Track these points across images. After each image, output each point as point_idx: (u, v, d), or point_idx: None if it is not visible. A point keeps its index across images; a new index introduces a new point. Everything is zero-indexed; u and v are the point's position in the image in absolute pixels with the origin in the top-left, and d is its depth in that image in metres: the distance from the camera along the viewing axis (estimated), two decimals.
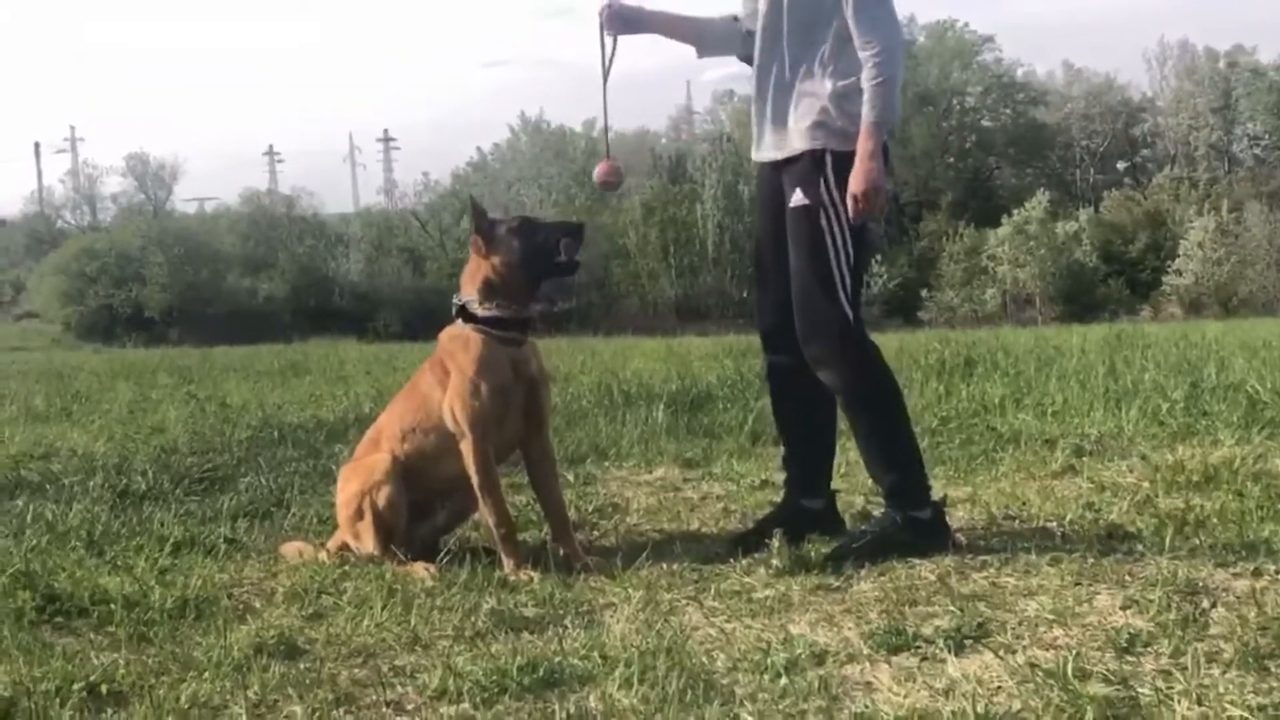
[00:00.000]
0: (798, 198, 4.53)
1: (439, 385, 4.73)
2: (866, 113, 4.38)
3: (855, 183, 4.38)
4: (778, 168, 4.66)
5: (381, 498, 4.68)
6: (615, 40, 4.92)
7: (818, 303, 4.53)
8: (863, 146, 4.38)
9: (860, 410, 4.64)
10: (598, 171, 5.07)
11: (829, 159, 4.48)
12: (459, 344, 4.71)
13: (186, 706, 3.17)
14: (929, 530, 4.54)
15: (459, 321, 4.75)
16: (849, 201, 4.41)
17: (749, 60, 4.79)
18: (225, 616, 4.00)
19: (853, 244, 4.52)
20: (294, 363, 16.97)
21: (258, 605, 4.22)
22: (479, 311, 4.71)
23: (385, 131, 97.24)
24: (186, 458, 7.22)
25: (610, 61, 4.93)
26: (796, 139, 4.55)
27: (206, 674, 3.43)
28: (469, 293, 4.75)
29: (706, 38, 5.02)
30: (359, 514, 4.74)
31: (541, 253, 4.70)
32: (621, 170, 5.10)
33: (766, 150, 4.70)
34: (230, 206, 73.39)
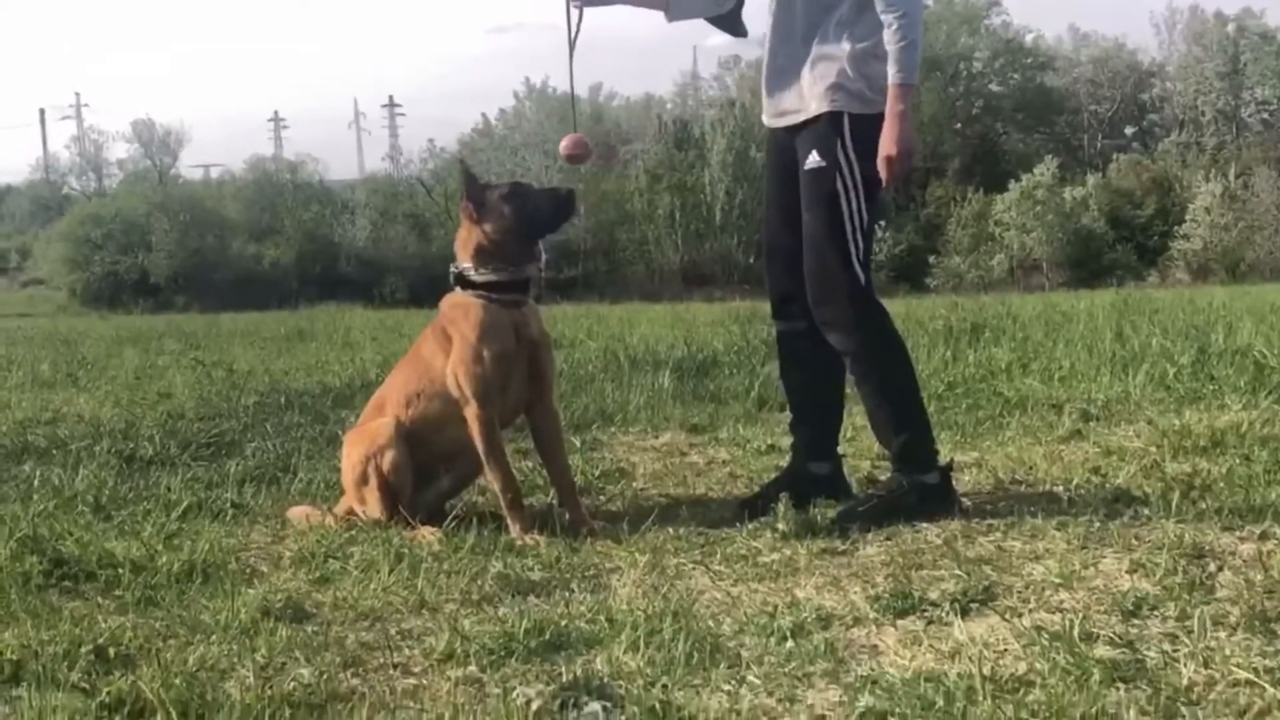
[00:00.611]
0: (813, 160, 4.51)
1: (441, 352, 4.74)
2: (893, 74, 4.36)
3: (888, 144, 4.38)
4: (791, 131, 4.64)
5: (386, 462, 4.69)
6: (581, 12, 4.90)
7: (830, 265, 4.52)
8: (893, 108, 4.38)
9: (869, 373, 4.63)
10: (564, 145, 4.94)
11: (847, 121, 4.46)
12: (459, 311, 4.71)
13: (194, 669, 3.17)
14: (935, 495, 4.55)
15: (458, 289, 4.76)
16: (882, 163, 4.41)
17: (720, 24, 4.91)
18: (232, 580, 4.01)
19: (866, 206, 4.51)
20: (300, 329, 16.98)
21: (265, 569, 4.24)
22: (476, 278, 4.71)
23: (390, 98, 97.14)
24: (193, 423, 7.23)
25: (576, 34, 4.91)
26: (813, 101, 4.52)
27: (214, 637, 3.44)
28: (463, 260, 4.75)
29: (675, 2, 4.99)
30: (364, 479, 4.75)
31: (532, 218, 4.70)
32: (589, 144, 5.04)
33: (779, 114, 4.69)
34: (235, 173, 73.33)
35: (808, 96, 4.54)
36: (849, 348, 4.61)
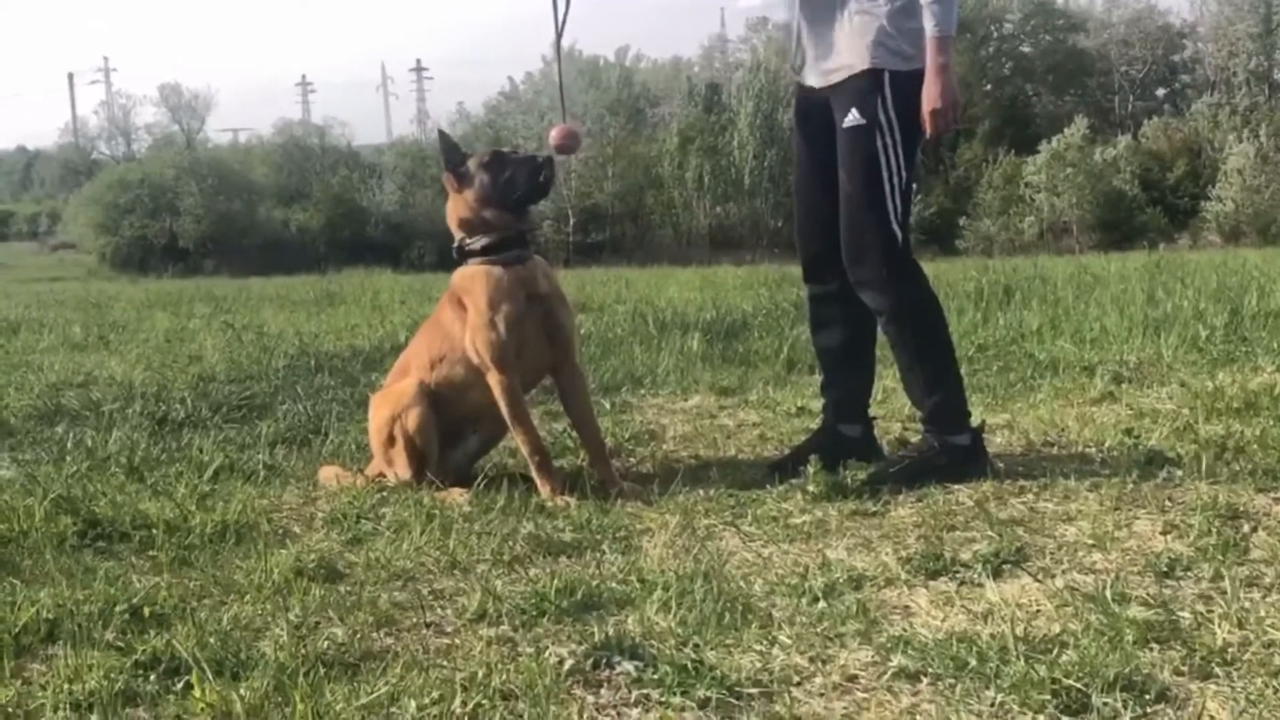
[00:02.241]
0: (853, 117, 4.46)
1: (459, 320, 4.75)
2: (931, 28, 4.32)
3: (932, 98, 4.35)
4: (827, 90, 4.58)
5: (411, 421, 4.70)
6: (568, 2, 4.88)
7: (867, 225, 4.49)
8: (934, 61, 4.34)
9: (903, 334, 4.60)
10: (553, 135, 4.86)
11: (888, 78, 4.41)
12: (468, 281, 4.72)
13: (228, 628, 3.19)
14: (967, 456, 4.54)
15: (462, 262, 4.79)
16: (927, 117, 4.37)
17: None
18: (265, 541, 4.03)
19: (905, 165, 4.46)
20: (329, 293, 17.00)
21: (297, 530, 4.25)
22: (472, 246, 4.73)
23: (418, 61, 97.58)
24: (224, 386, 7.25)
25: (564, 21, 4.89)
26: (853, 58, 4.46)
27: (248, 596, 3.46)
28: (455, 231, 4.79)
29: None
30: (390, 440, 4.77)
31: (510, 186, 4.69)
32: (579, 134, 5.00)
33: (814, 74, 4.64)
34: (263, 137, 73.48)
35: (845, 53, 4.48)
36: (883, 308, 4.57)
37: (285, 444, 5.57)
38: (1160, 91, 67.45)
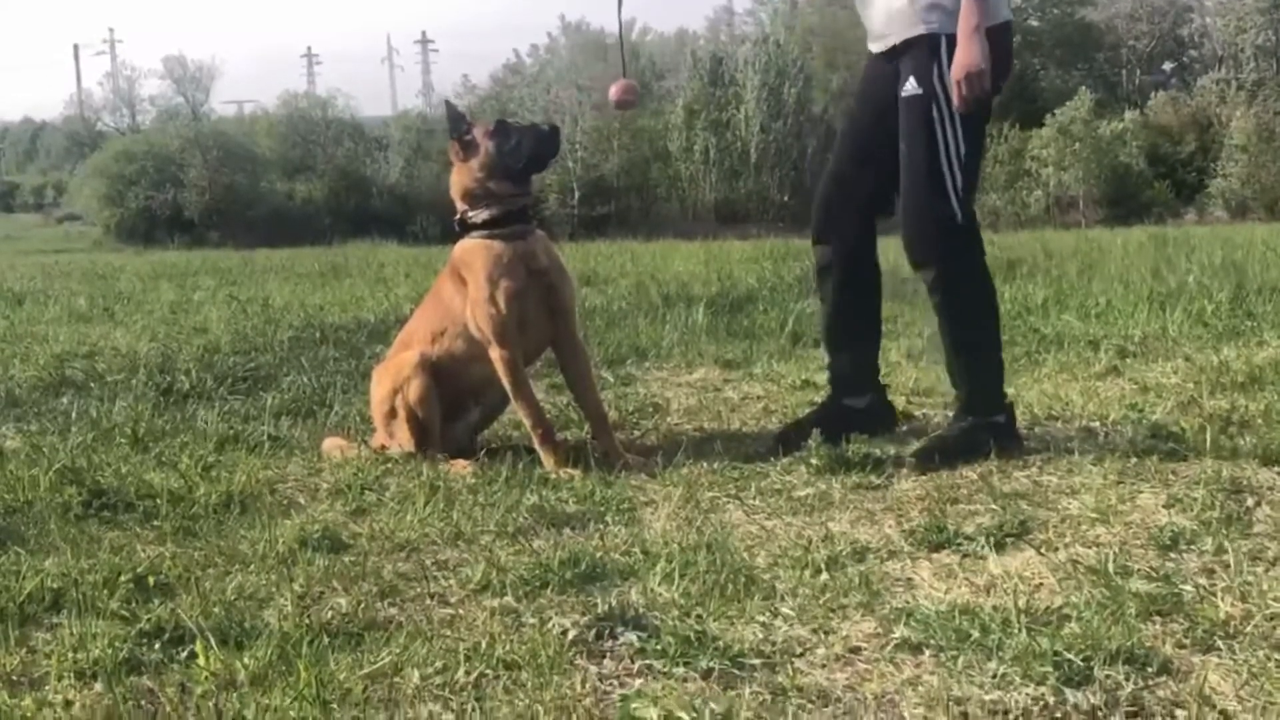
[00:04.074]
0: (910, 86, 4.33)
1: (459, 294, 4.76)
2: None
3: (954, 67, 4.22)
4: (889, 57, 4.46)
5: (413, 393, 4.71)
6: None
7: (925, 199, 4.36)
8: (963, 24, 4.20)
9: (954, 312, 4.51)
10: (613, 91, 4.86)
11: (944, 43, 4.25)
12: (468, 254, 4.73)
13: (233, 597, 3.21)
14: (1005, 433, 4.49)
15: (463, 234, 4.78)
16: (954, 86, 4.23)
17: None
18: (270, 511, 4.04)
19: (965, 136, 4.32)
20: (334, 265, 16.99)
21: (302, 501, 4.26)
22: (474, 219, 4.73)
23: (423, 33, 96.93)
24: (229, 357, 7.25)
25: None
26: (908, 23, 4.33)
27: (252, 566, 3.47)
28: (458, 202, 4.78)
29: None
30: (392, 412, 4.78)
31: (515, 155, 4.69)
32: (638, 89, 4.97)
33: (874, 38, 4.52)
34: (268, 109, 73.32)
35: (904, 18, 4.34)
36: (938, 284, 4.46)
37: (290, 415, 5.58)
38: (1167, 65, 67.13)
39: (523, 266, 4.67)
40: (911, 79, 4.31)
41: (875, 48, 4.54)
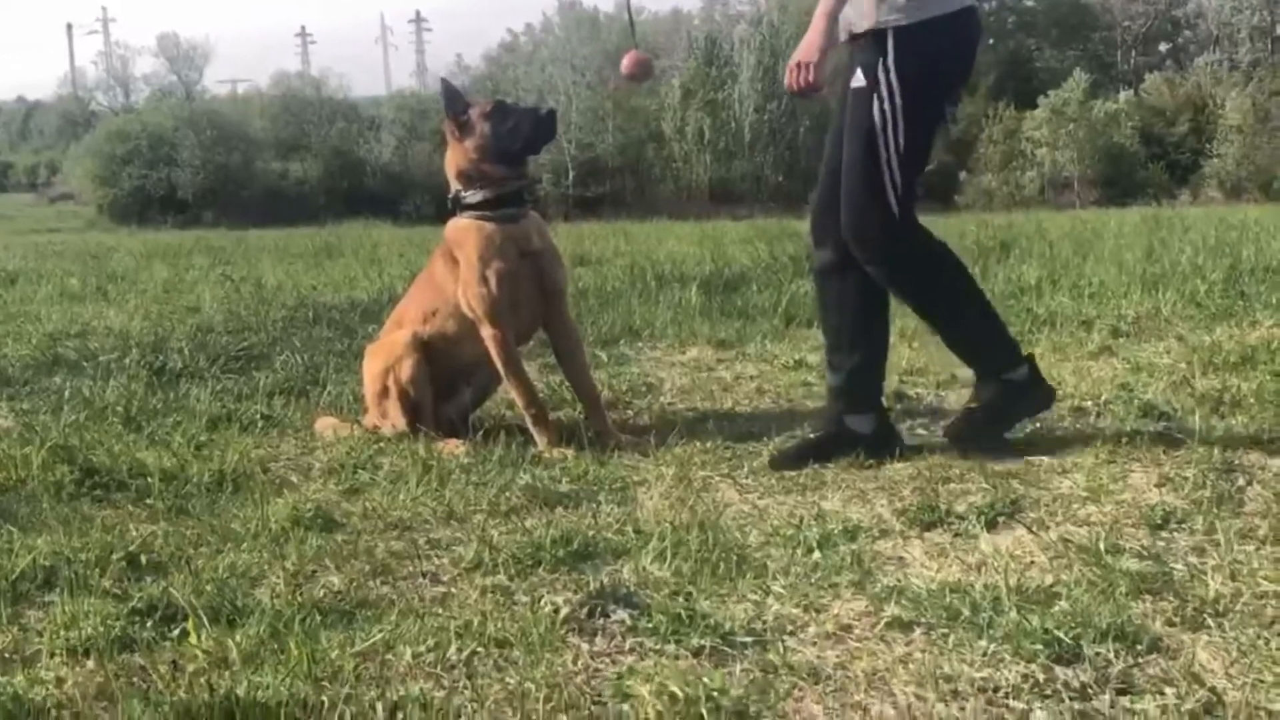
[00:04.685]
0: (857, 79, 4.12)
1: (451, 275, 4.76)
2: None
3: (796, 52, 4.06)
4: (852, 46, 4.22)
5: (404, 373, 4.71)
6: None
7: (863, 196, 4.15)
8: (818, 7, 4.01)
9: (917, 305, 4.40)
10: (625, 63, 4.74)
11: (891, 37, 4.03)
12: (461, 235, 4.73)
13: (225, 576, 3.21)
14: (1027, 388, 4.33)
15: (457, 213, 4.78)
16: (896, 83, 4.02)
17: None
18: (262, 490, 4.04)
19: (906, 134, 4.07)
20: (328, 245, 16.96)
21: (294, 480, 4.26)
22: (469, 199, 4.73)
23: (417, 13, 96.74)
24: (222, 336, 7.23)
25: None
26: (863, 16, 4.09)
27: (244, 545, 3.47)
28: (453, 182, 4.78)
29: None
30: (384, 392, 4.78)
31: (511, 137, 4.69)
32: (651, 63, 4.93)
33: (844, 30, 4.21)
34: (261, 89, 73.23)
35: (860, 11, 4.09)
36: (887, 281, 4.28)
37: (283, 395, 5.57)
38: (1163, 47, 67.17)
39: (514, 248, 4.67)
40: (859, 71, 4.12)
41: (840, 37, 4.27)
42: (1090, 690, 2.46)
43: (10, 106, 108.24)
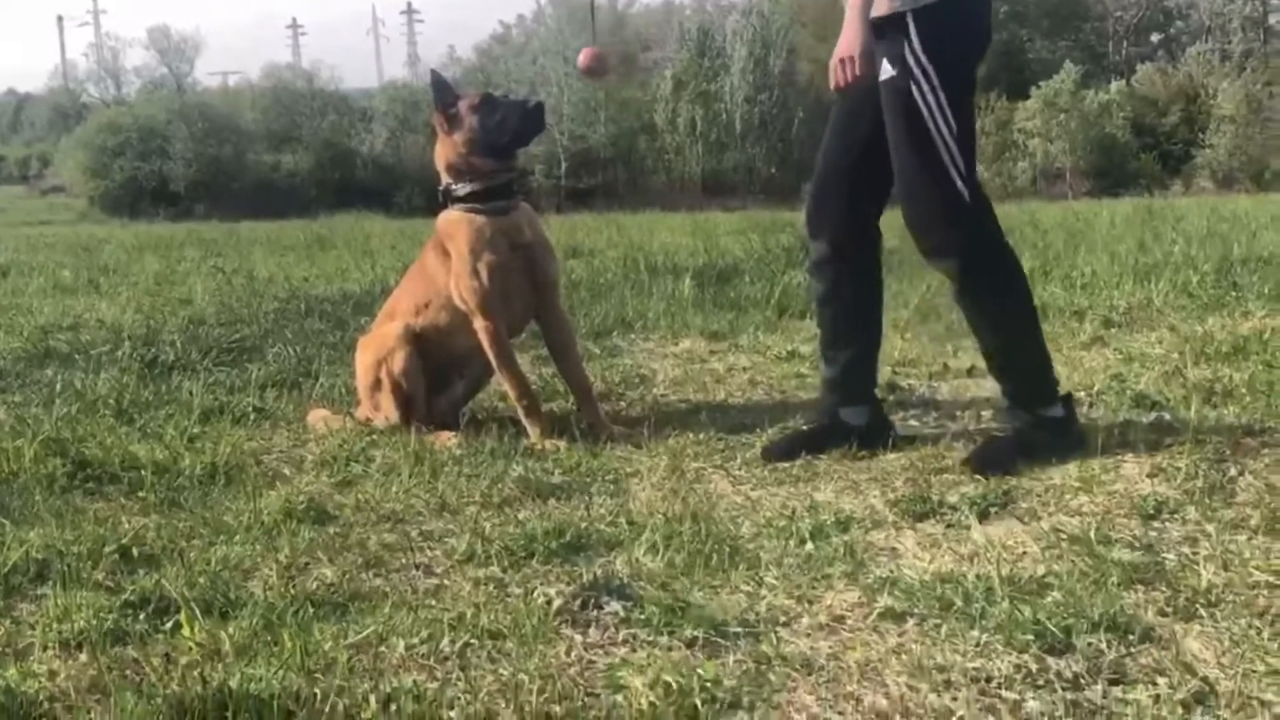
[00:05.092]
0: (885, 69, 3.96)
1: (443, 268, 4.76)
2: None
3: (837, 49, 3.95)
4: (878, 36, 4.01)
5: (396, 364, 4.71)
6: None
7: (925, 187, 3.97)
8: (850, 2, 3.93)
9: (981, 305, 4.12)
10: (581, 59, 4.80)
11: (911, 20, 3.91)
12: (452, 227, 4.73)
13: (218, 568, 3.21)
14: (1063, 428, 4.09)
15: (448, 206, 4.78)
16: (929, 66, 3.89)
17: None
18: (255, 483, 4.04)
19: (953, 111, 3.92)
20: (320, 237, 16.95)
21: (287, 472, 4.26)
22: (458, 192, 4.72)
23: (409, 4, 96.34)
24: (214, 329, 7.23)
25: None
26: (878, 3, 3.95)
27: (237, 537, 3.47)
28: (443, 174, 4.78)
29: None
30: (377, 384, 4.78)
31: (499, 130, 4.68)
32: (607, 59, 4.90)
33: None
34: (252, 80, 73.13)
35: None
36: (957, 273, 4.07)
37: (275, 387, 5.57)
38: (1155, 37, 67.15)
39: (505, 240, 4.67)
40: (885, 62, 3.96)
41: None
42: (1083, 680, 2.46)
43: (1, 99, 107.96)
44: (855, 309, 4.36)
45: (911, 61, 3.92)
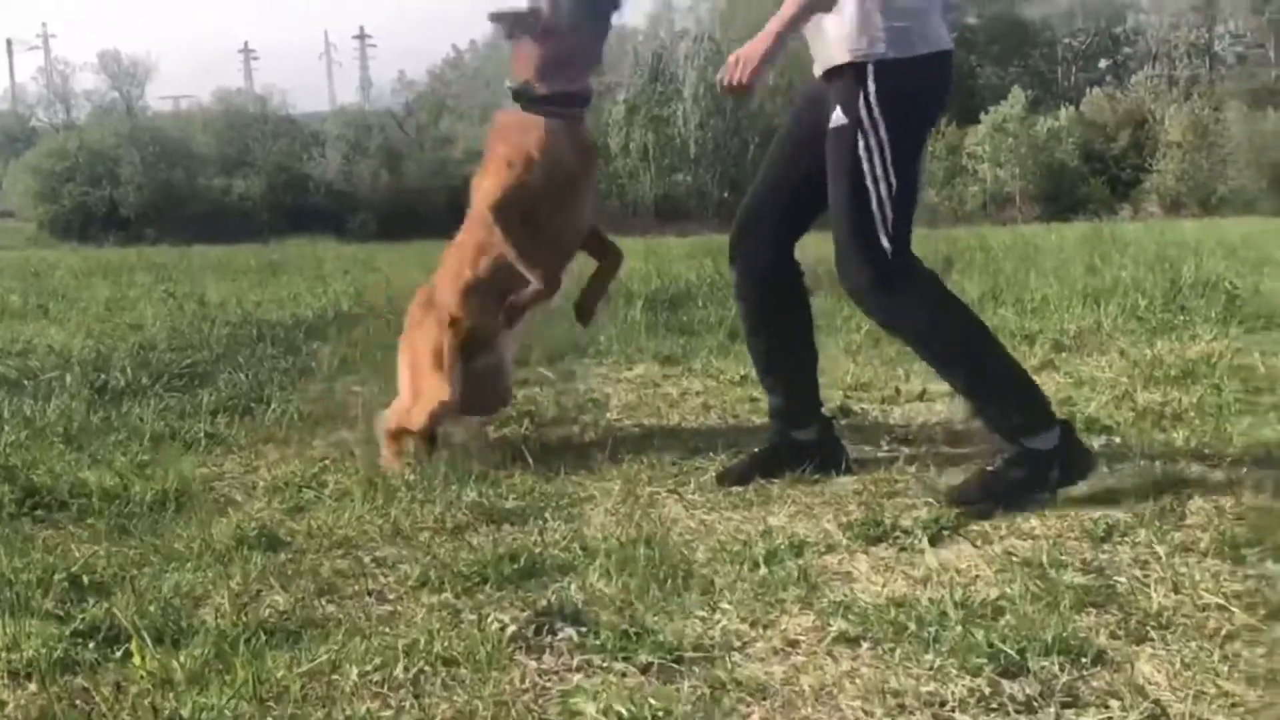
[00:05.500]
0: (836, 117, 3.89)
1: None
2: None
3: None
4: (826, 80, 4.01)
5: (444, 347, 4.58)
6: None
7: (854, 237, 3.90)
8: (772, 20, 3.91)
9: (921, 349, 4.07)
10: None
11: (871, 70, 3.83)
12: (517, 129, 4.48)
13: (169, 596, 3.17)
14: (1050, 460, 3.85)
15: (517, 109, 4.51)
16: (880, 118, 3.83)
17: None
18: (206, 509, 4.00)
19: (895, 169, 3.85)
20: (272, 262, 16.89)
21: (239, 498, 4.23)
22: (540, 91, 4.43)
23: (361, 29, 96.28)
24: (165, 354, 7.17)
25: None
26: (840, 49, 3.88)
27: (188, 565, 3.44)
28: (523, 75, 4.45)
29: None
30: (427, 369, 4.63)
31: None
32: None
33: (817, 62, 4.06)
34: (204, 105, 72.81)
35: (834, 43, 3.91)
36: (886, 326, 4.16)
37: (226, 412, 5.52)
38: (1103, 63, 67.87)
39: (576, 148, 4.51)
40: (838, 109, 3.90)
41: (816, 71, 4.12)
42: (1036, 703, 2.48)
43: None
44: (784, 334, 4.33)
45: (864, 113, 3.85)
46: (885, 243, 3.87)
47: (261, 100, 70.30)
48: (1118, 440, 4.44)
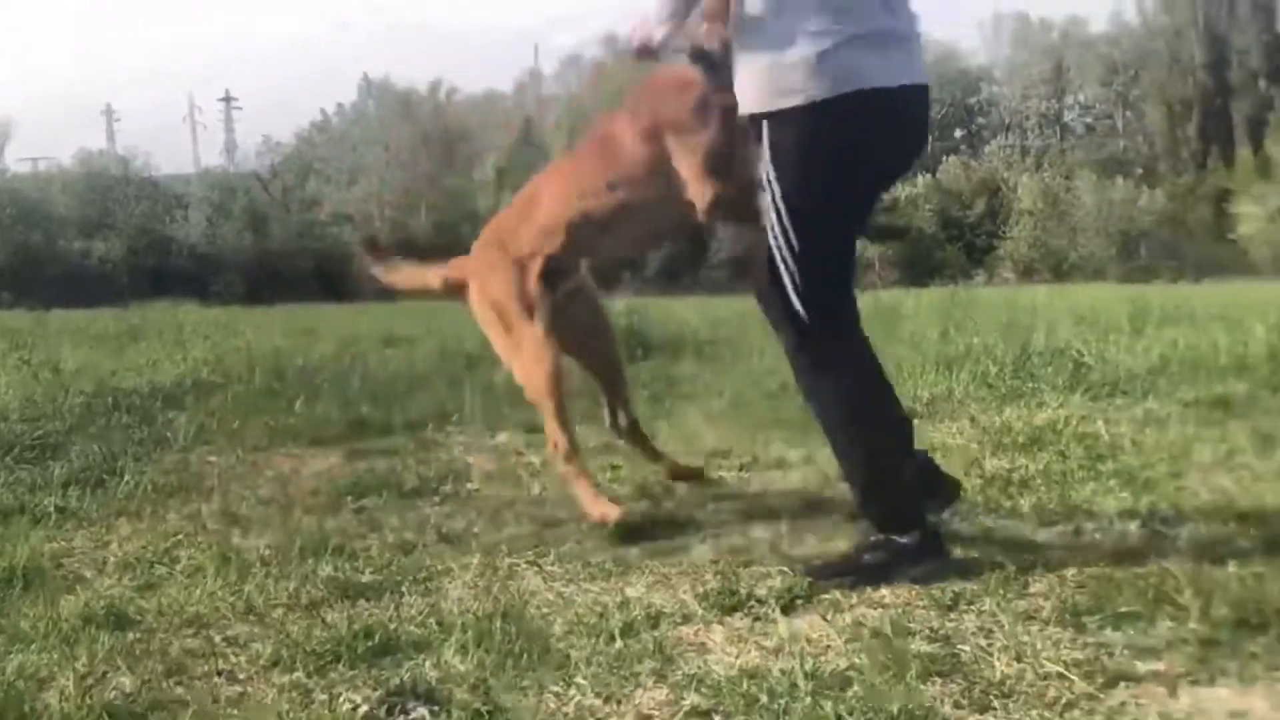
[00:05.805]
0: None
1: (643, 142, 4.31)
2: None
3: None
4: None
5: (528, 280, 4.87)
6: None
7: (774, 299, 3.83)
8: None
9: (822, 418, 3.92)
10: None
11: (766, 125, 3.70)
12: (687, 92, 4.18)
13: (12, 678, 3.11)
14: (910, 555, 3.78)
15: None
16: (780, 178, 3.68)
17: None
18: (54, 586, 3.93)
19: (796, 229, 3.69)
20: (132, 326, 16.58)
21: (88, 575, 4.14)
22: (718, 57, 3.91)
23: (226, 91, 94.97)
24: (16, 424, 7.01)
25: None
26: (741, 101, 3.79)
27: (34, 645, 3.37)
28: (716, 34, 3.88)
29: None
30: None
31: None
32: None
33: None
34: (64, 166, 71.44)
35: (739, 92, 3.80)
36: (802, 392, 4.02)
37: (78, 485, 5.41)
38: (958, 132, 69.37)
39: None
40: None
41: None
42: None
43: None
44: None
45: (762, 170, 3.73)
46: (798, 306, 3.76)
47: (124, 162, 69.06)
48: (965, 508, 4.52)
